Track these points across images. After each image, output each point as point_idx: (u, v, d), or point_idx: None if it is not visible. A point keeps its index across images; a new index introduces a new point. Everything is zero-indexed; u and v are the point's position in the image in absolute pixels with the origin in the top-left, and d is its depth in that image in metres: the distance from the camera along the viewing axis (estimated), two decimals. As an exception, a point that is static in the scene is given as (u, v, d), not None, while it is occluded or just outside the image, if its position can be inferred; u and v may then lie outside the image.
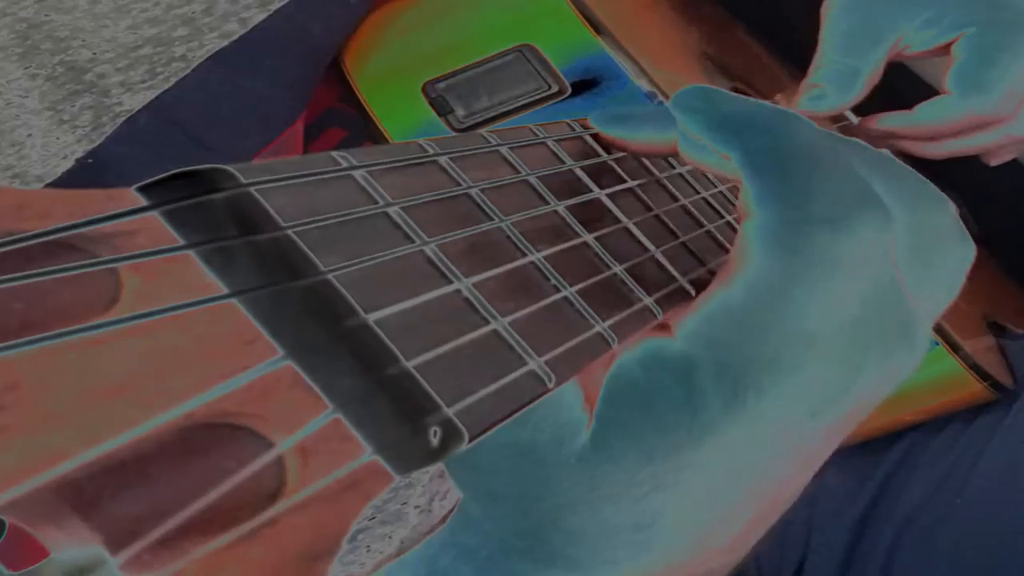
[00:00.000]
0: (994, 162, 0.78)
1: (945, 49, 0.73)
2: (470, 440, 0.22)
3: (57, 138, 0.55)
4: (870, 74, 0.72)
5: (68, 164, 0.54)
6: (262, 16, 0.61)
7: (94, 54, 0.57)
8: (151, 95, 0.57)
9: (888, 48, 0.72)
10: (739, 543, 0.36)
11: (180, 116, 0.57)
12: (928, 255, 0.36)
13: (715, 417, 0.31)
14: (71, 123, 0.55)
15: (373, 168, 0.26)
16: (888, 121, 0.76)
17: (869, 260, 0.33)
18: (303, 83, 0.63)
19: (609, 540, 0.34)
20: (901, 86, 0.77)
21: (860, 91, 0.72)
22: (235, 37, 0.60)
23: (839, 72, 0.72)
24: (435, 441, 0.21)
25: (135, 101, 0.57)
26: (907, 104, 0.75)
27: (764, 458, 0.33)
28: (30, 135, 0.55)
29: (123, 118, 0.56)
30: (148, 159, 0.55)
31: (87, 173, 0.54)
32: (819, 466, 0.36)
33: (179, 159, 0.57)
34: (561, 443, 0.32)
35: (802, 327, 0.32)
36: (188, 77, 0.58)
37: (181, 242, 0.20)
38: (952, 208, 0.38)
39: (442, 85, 0.64)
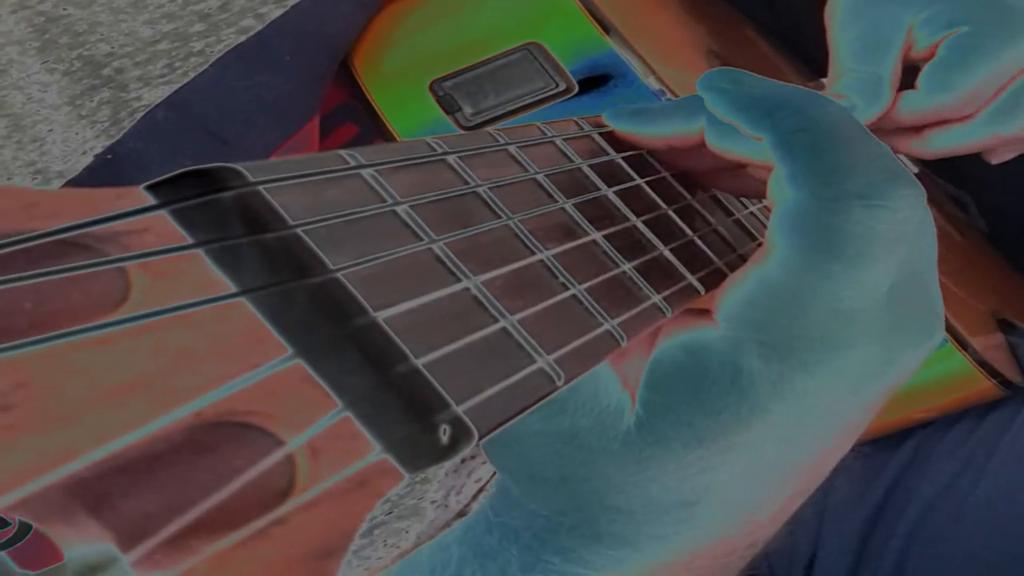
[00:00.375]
0: (994, 160, 0.78)
1: (935, 48, 0.73)
2: (480, 438, 0.22)
3: (76, 133, 0.55)
4: (892, 77, 0.72)
5: (88, 159, 0.55)
6: (279, 12, 0.61)
7: (112, 48, 0.58)
8: (169, 90, 0.57)
9: (901, 48, 0.72)
10: (780, 516, 0.37)
11: (198, 111, 0.58)
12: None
13: (763, 398, 0.32)
14: (90, 118, 0.55)
15: (381, 167, 0.26)
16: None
17: (904, 236, 0.33)
18: (320, 79, 0.64)
19: (656, 517, 0.34)
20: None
21: (888, 97, 0.72)
22: (252, 33, 0.60)
23: (862, 81, 0.71)
24: (444, 439, 0.21)
25: (153, 96, 0.57)
26: None
27: (808, 435, 0.34)
28: (51, 130, 0.55)
29: (141, 113, 0.56)
30: (167, 155, 0.56)
31: (107, 169, 0.54)
32: (855, 440, 0.37)
33: (198, 155, 0.57)
34: (604, 429, 0.33)
35: (842, 305, 0.32)
36: (206, 72, 0.58)
37: (190, 241, 0.20)
38: None
39: (450, 83, 0.64)
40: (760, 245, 0.34)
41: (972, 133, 0.73)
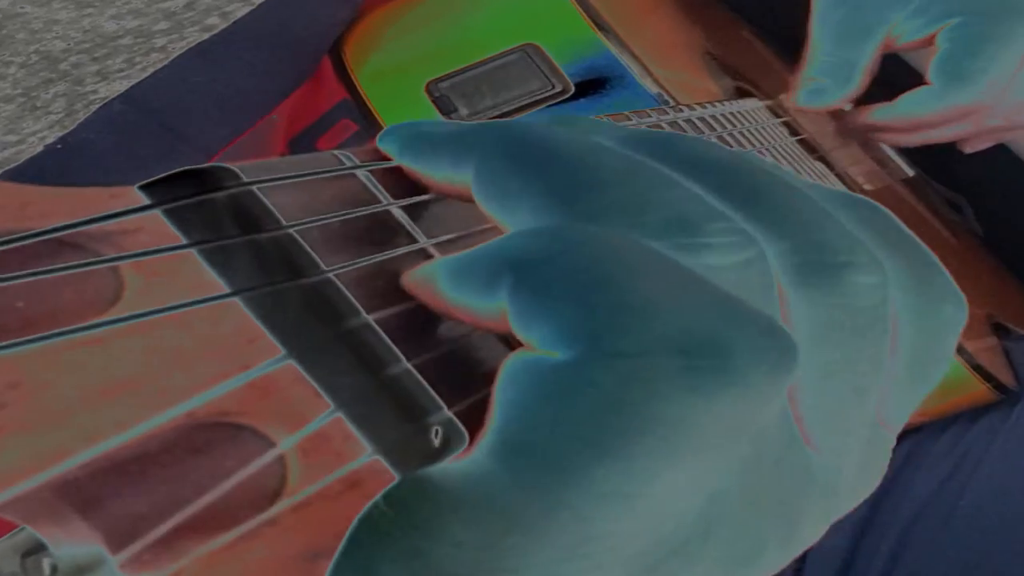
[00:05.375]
0: (969, 149, 0.78)
1: (931, 39, 0.73)
2: (471, 440, 0.22)
3: (25, 125, 0.55)
4: (867, 65, 0.73)
5: (35, 150, 0.55)
6: (245, 11, 0.62)
7: (68, 45, 0.58)
8: (127, 84, 0.57)
9: (882, 38, 0.73)
10: None
11: (155, 104, 0.58)
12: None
13: None
14: (44, 109, 0.56)
15: (375, 168, 0.26)
16: (871, 115, 0.76)
17: (757, 420, 0.21)
18: (281, 76, 0.64)
19: None
20: (890, 74, 0.77)
21: (859, 83, 0.73)
22: (216, 31, 0.61)
23: (836, 64, 0.72)
24: (437, 441, 0.21)
25: (111, 90, 0.57)
26: (897, 92, 0.75)
27: None
28: None
29: (97, 105, 0.56)
30: (119, 146, 0.56)
31: (53, 159, 0.55)
32: None
33: (150, 146, 0.57)
34: None
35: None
36: (165, 68, 0.59)
37: (183, 241, 0.20)
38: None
39: (446, 84, 0.64)
40: None
41: (969, 124, 0.74)
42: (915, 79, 0.74)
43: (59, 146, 0.55)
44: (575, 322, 0.19)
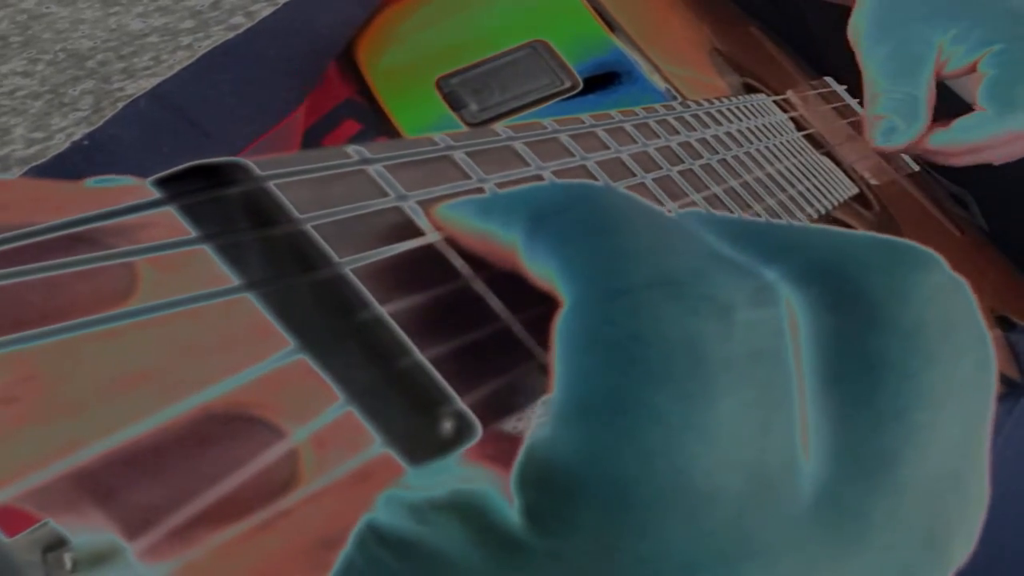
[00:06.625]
0: (998, 163, 0.78)
1: (973, 66, 0.73)
2: (483, 432, 0.22)
3: (52, 122, 0.56)
4: (927, 97, 0.72)
5: (62, 147, 0.55)
6: (269, 10, 0.62)
7: (94, 44, 0.58)
8: (153, 82, 0.58)
9: (933, 64, 0.72)
10: None
11: (180, 102, 0.58)
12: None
13: None
14: (71, 106, 0.56)
15: (388, 162, 0.26)
16: (930, 140, 0.76)
17: (774, 353, 0.21)
18: (305, 74, 0.64)
19: None
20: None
21: (926, 116, 0.72)
22: (241, 30, 0.61)
23: (899, 100, 0.72)
24: (447, 433, 0.22)
25: (137, 87, 0.57)
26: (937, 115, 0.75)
27: None
28: (19, 123, 0.56)
29: (123, 103, 0.57)
30: (146, 142, 0.56)
31: (79, 155, 0.55)
32: None
33: (176, 144, 0.57)
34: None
35: (688, 477, 0.20)
36: (191, 66, 0.59)
37: (196, 235, 0.21)
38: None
39: (456, 80, 0.64)
40: None
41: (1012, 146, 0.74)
42: (954, 101, 0.74)
43: (86, 143, 0.55)
44: (579, 262, 0.21)
